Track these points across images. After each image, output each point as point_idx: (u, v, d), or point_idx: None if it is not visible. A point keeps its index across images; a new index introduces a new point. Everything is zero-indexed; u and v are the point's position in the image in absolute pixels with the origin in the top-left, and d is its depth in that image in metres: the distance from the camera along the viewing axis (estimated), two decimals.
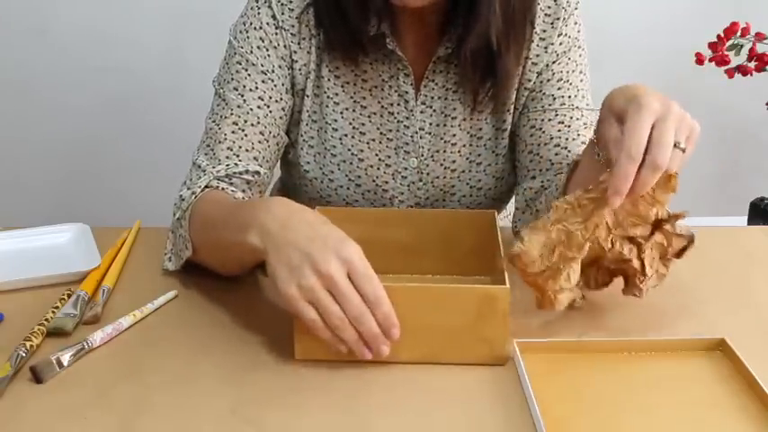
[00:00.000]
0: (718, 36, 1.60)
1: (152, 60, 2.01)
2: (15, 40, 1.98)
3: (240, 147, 0.97)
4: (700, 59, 1.60)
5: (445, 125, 1.03)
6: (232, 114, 0.98)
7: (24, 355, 0.77)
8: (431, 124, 1.03)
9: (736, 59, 1.61)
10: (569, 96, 1.00)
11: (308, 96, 1.02)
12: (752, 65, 1.61)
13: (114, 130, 2.09)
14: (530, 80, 1.01)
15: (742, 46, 1.60)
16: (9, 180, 2.12)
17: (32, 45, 1.99)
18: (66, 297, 0.88)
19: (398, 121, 1.02)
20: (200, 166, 0.97)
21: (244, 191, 0.96)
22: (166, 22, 1.97)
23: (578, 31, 1.01)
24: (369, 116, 1.03)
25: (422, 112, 1.02)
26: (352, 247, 0.72)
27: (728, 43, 1.59)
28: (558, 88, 1.00)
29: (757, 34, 1.60)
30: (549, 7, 0.99)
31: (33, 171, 2.13)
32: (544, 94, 1.00)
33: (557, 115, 1.00)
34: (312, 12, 0.99)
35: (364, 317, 0.71)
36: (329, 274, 0.70)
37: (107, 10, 1.95)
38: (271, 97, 0.99)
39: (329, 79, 1.02)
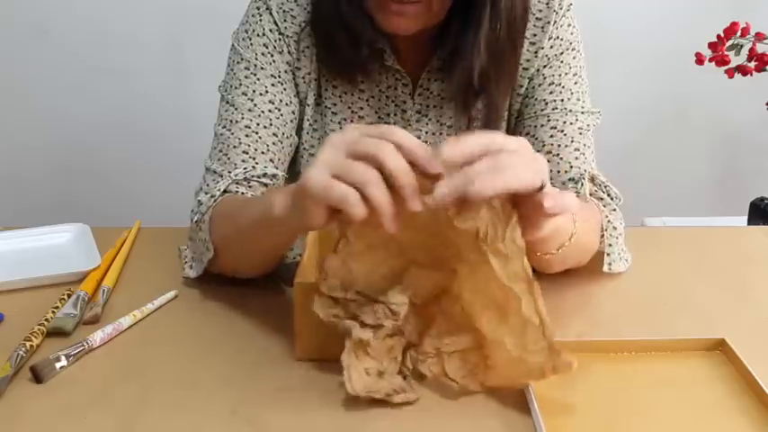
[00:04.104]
0: (718, 36, 1.60)
1: (151, 60, 2.01)
2: (15, 40, 1.98)
3: (256, 150, 0.96)
4: (700, 59, 1.60)
5: (441, 134, 1.02)
6: (243, 118, 0.97)
7: (24, 355, 0.77)
8: (427, 133, 1.03)
9: (736, 59, 1.60)
10: (562, 100, 0.99)
11: (308, 105, 1.02)
12: (752, 65, 1.60)
13: (114, 130, 2.08)
14: (522, 86, 1.00)
15: (742, 46, 1.59)
16: (9, 180, 2.12)
17: (33, 45, 1.99)
18: (66, 297, 0.88)
19: None
20: (215, 171, 0.95)
21: (262, 194, 0.95)
22: (167, 22, 1.97)
23: (572, 34, 1.00)
24: None
25: (417, 120, 1.02)
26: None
27: (728, 43, 1.59)
28: (551, 92, 0.99)
29: (757, 34, 1.59)
30: (541, 11, 0.98)
31: (33, 171, 2.13)
32: (536, 99, 1.00)
33: (549, 120, 0.98)
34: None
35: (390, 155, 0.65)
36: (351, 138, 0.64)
37: (108, 9, 1.95)
38: (281, 100, 0.98)
39: (327, 89, 1.01)
